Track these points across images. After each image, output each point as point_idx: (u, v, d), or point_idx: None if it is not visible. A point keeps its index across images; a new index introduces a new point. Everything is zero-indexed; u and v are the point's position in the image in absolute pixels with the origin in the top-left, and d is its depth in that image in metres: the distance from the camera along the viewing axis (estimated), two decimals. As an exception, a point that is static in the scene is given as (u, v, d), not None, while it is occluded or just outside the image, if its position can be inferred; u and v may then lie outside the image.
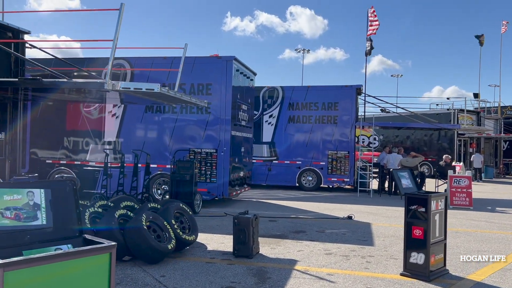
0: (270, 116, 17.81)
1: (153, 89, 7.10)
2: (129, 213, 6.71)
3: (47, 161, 13.40)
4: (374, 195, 16.09)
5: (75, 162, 13.20)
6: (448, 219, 10.60)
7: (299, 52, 63.08)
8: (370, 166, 16.68)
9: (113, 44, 6.85)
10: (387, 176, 17.05)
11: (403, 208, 6.12)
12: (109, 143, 12.94)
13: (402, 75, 76.47)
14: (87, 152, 13.08)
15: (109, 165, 12.49)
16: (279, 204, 13.37)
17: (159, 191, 12.71)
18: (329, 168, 17.16)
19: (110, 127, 12.99)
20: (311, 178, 17.35)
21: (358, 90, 17.43)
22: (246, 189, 13.98)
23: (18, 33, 10.44)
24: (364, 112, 19.60)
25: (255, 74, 14.56)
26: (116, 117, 12.97)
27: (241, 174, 13.26)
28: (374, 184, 17.50)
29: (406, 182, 6.33)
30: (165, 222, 6.71)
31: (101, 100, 11.16)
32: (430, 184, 16.64)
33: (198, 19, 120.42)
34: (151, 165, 12.55)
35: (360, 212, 11.99)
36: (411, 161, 15.35)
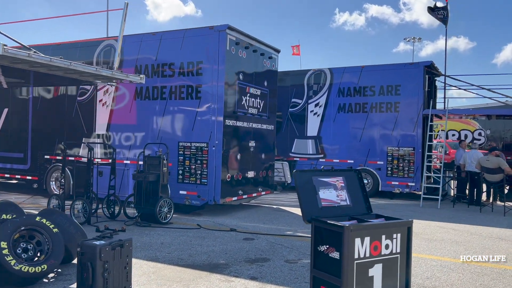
0: (316, 105, 14.67)
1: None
2: None
3: (45, 156, 12.19)
4: (446, 205, 12.21)
5: (69, 158, 11.74)
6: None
7: (408, 41, 57.13)
8: (441, 166, 12.72)
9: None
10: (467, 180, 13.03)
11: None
12: (98, 136, 11.27)
13: (537, 62, 65.02)
14: (80, 146, 11.54)
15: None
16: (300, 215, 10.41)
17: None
18: (389, 168, 13.52)
19: (101, 118, 11.29)
20: (366, 181, 13.86)
21: (428, 68, 13.51)
22: (261, 193, 11.22)
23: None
24: (444, 97, 15.35)
25: (278, 51, 11.68)
26: (106, 106, 11.22)
27: (249, 174, 10.57)
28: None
29: (331, 195, 3.22)
30: (-18, 245, 4.49)
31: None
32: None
33: (307, 18, 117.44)
34: (140, 163, 10.58)
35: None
36: (492, 160, 11.16)
